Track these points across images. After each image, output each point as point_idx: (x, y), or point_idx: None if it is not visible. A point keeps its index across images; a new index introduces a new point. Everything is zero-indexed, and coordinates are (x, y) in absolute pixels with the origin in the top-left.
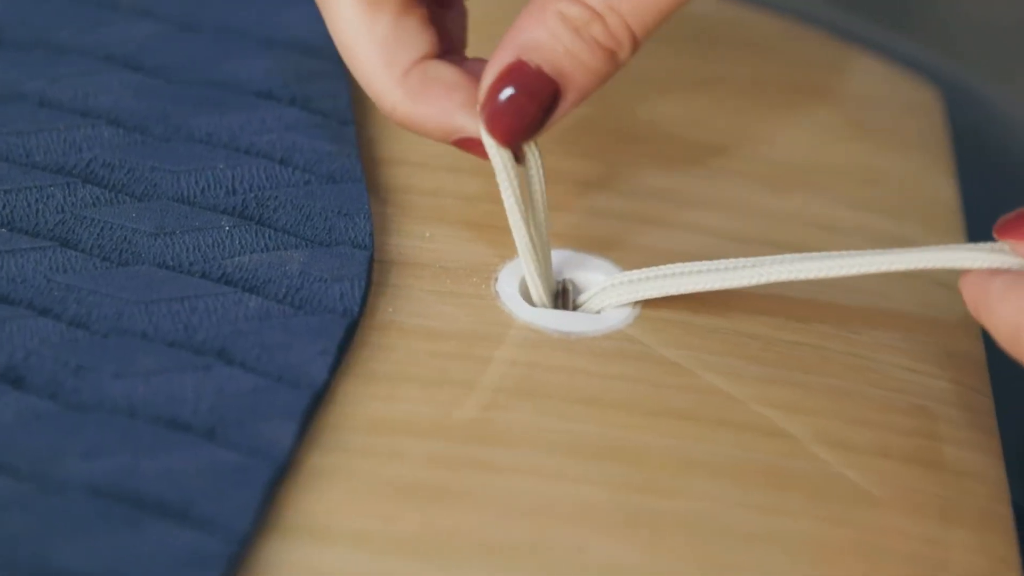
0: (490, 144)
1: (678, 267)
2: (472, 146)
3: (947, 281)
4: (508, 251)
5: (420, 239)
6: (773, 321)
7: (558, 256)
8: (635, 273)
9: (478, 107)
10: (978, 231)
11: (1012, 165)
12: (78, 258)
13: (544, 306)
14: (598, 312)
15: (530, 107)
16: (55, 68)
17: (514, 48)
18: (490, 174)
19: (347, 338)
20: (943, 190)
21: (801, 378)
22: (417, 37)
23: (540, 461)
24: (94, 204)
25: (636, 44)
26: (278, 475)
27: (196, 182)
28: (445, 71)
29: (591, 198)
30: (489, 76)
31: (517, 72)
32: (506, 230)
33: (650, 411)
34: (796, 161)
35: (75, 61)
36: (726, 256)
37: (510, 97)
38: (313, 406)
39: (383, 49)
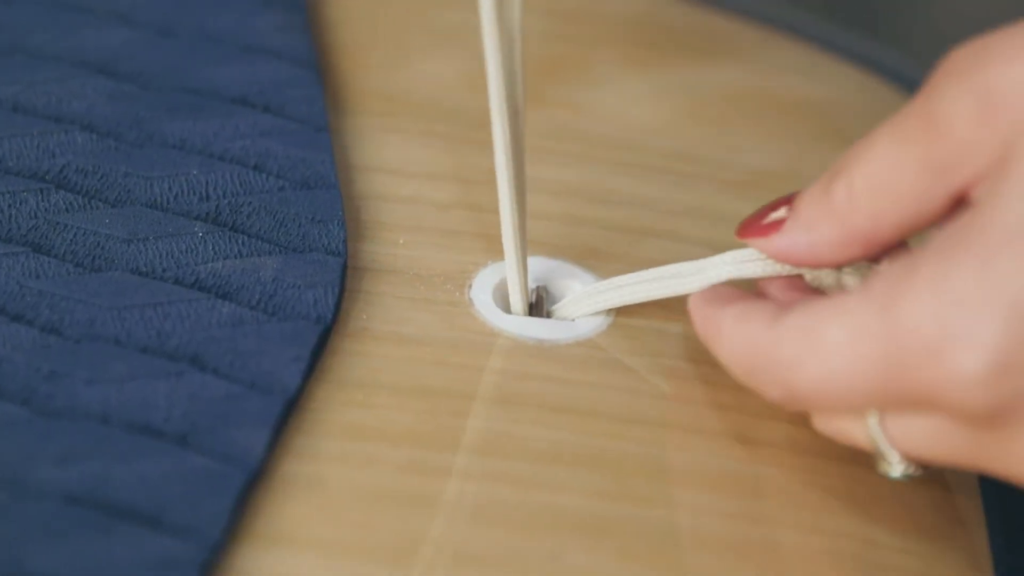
0: None
1: (646, 274)
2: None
3: None
4: (482, 258)
5: (394, 246)
6: None
7: (533, 263)
8: (606, 283)
9: None
10: None
11: None
12: (51, 264)
13: (518, 313)
14: (572, 320)
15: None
16: (29, 73)
17: None
18: (466, 181)
19: (320, 345)
20: None
21: None
22: None
23: (514, 468)
24: (67, 210)
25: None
26: (251, 482)
27: (169, 188)
28: None
29: (567, 206)
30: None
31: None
32: (481, 236)
33: (624, 418)
34: (773, 169)
35: (49, 66)
36: None
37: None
38: (286, 413)
39: None
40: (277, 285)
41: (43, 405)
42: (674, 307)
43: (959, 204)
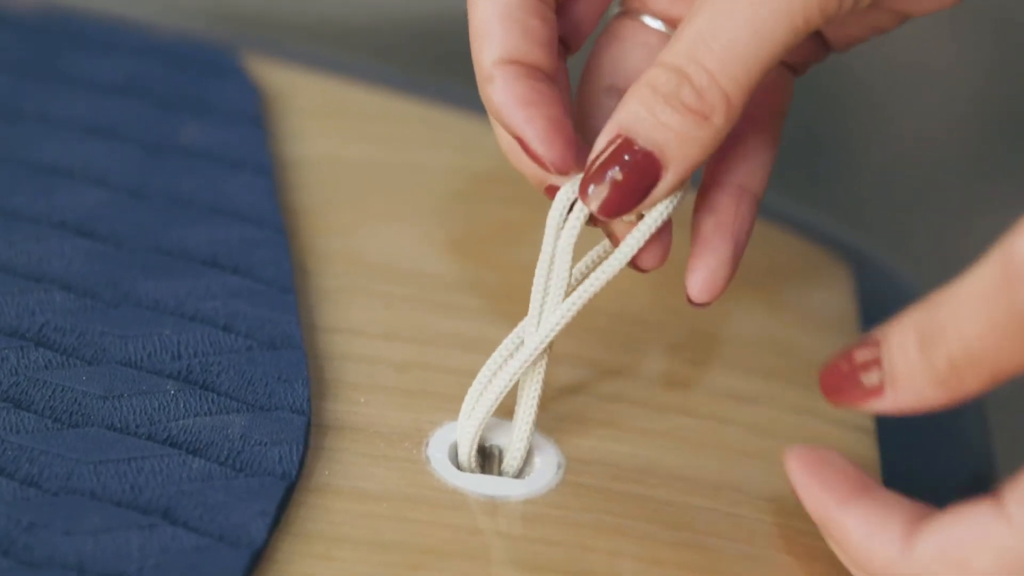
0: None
1: (485, 372)
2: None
3: (854, 453)
4: (438, 416)
5: (355, 404)
6: (687, 487)
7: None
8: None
9: (580, 183)
10: None
11: None
12: (31, 419)
13: (472, 471)
14: (517, 476)
15: (629, 182)
16: (9, 234)
17: (615, 124)
18: (423, 342)
19: (285, 499)
20: None
21: (714, 543)
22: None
23: None
24: (47, 367)
25: (731, 105)
26: None
27: (143, 347)
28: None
29: None
30: (593, 152)
31: (618, 148)
32: (436, 396)
33: (570, 574)
34: (713, 333)
35: (29, 227)
36: (644, 423)
37: (610, 174)
38: (252, 565)
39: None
40: (245, 442)
41: (22, 555)
42: (623, 465)
43: None
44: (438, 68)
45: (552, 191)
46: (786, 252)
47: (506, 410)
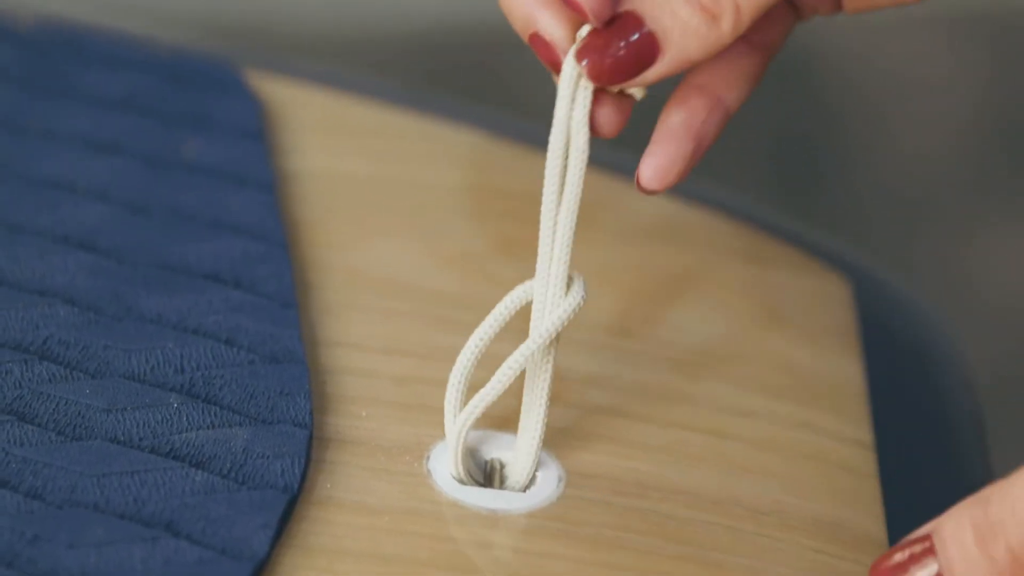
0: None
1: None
2: (542, 48)
3: (854, 467)
4: (438, 431)
5: (357, 418)
6: (688, 501)
7: (486, 437)
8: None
9: (580, 46)
10: (882, 414)
11: (910, 344)
12: (35, 432)
13: (472, 484)
14: (524, 490)
15: (626, 55)
16: (13, 248)
17: (630, 1)
18: (422, 356)
19: (287, 512)
20: (850, 378)
21: (715, 557)
22: None
23: None
24: (50, 380)
25: (739, 16)
26: None
27: (146, 360)
28: None
29: (516, 382)
30: (600, 20)
31: (623, 20)
32: (436, 410)
33: None
34: (711, 349)
35: (32, 241)
36: (645, 437)
37: (608, 40)
38: None
39: None
40: (247, 455)
41: (26, 568)
42: (624, 479)
43: None
44: (438, 83)
45: (536, 40)
46: (786, 267)
47: (503, 421)
